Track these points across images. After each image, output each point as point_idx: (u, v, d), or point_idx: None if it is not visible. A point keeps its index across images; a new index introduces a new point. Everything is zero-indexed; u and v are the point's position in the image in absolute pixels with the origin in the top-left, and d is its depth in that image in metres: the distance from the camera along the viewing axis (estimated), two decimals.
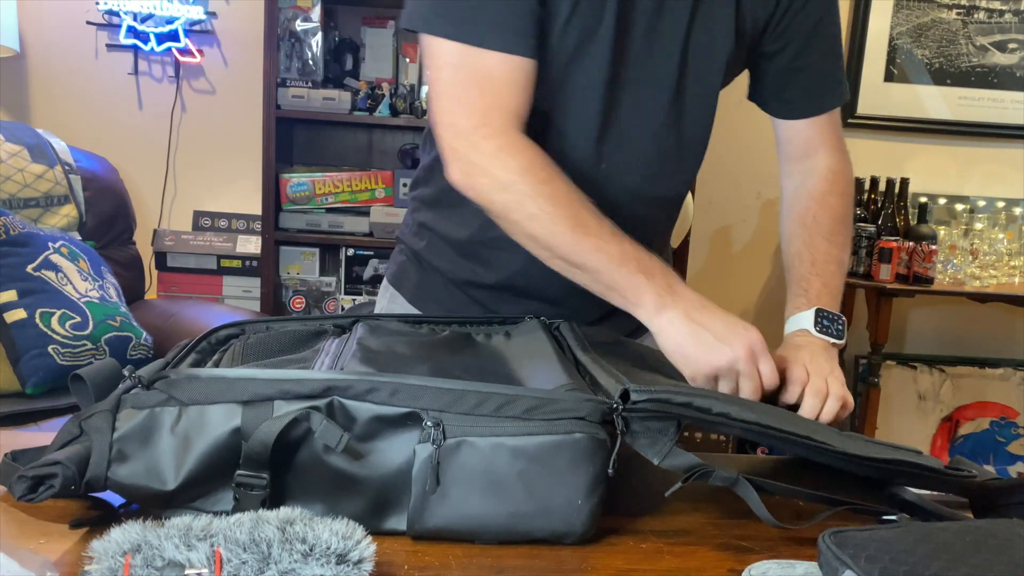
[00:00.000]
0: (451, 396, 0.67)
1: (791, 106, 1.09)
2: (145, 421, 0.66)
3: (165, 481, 0.65)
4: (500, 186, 0.88)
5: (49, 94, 2.83)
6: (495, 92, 0.89)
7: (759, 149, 3.05)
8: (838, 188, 1.08)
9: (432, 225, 1.08)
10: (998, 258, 2.78)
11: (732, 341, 0.82)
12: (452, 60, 0.89)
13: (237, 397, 0.66)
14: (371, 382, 0.67)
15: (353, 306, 2.73)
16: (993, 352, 3.15)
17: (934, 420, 3.07)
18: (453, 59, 0.89)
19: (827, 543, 0.60)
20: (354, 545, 0.55)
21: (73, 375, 0.71)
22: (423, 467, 0.66)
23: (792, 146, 1.10)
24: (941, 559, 0.57)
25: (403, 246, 1.15)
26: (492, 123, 0.89)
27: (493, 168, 0.88)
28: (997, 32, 3.01)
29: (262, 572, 0.53)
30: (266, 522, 0.55)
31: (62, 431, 0.68)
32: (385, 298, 1.15)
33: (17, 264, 2.04)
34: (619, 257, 0.86)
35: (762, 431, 0.72)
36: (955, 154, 3.09)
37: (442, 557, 0.66)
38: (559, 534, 0.69)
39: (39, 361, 1.97)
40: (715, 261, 3.06)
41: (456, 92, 0.90)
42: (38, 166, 2.38)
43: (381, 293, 1.17)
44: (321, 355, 0.78)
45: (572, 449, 0.67)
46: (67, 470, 0.64)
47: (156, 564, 0.52)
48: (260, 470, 0.65)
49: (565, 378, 0.75)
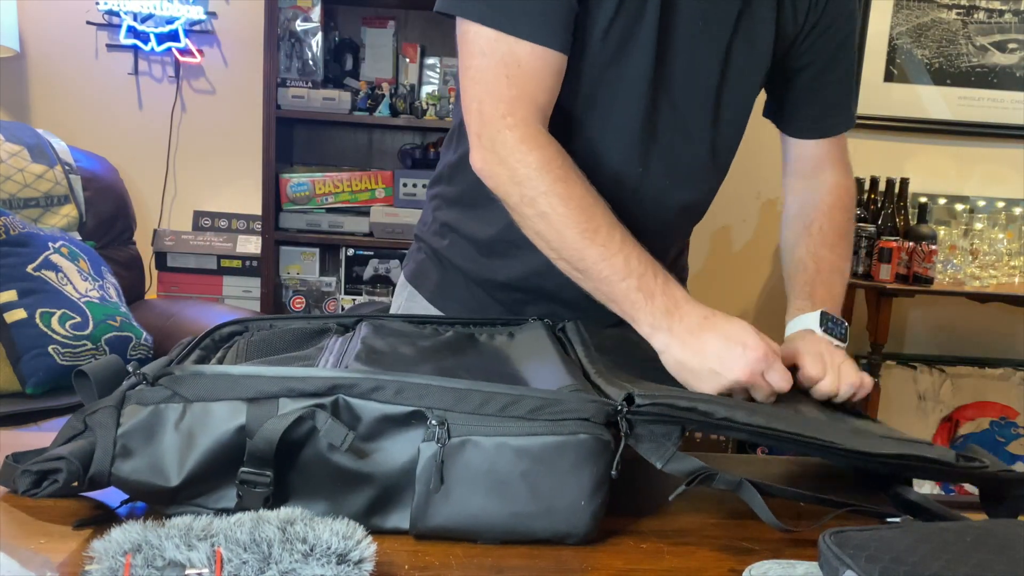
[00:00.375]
0: (456, 395, 0.67)
1: (807, 125, 1.10)
2: (149, 417, 0.66)
3: (168, 477, 0.65)
4: (517, 179, 0.88)
5: (49, 94, 2.83)
6: (523, 82, 0.89)
7: (759, 149, 3.04)
8: (843, 203, 1.09)
9: (455, 224, 1.08)
10: (998, 258, 2.78)
11: (731, 366, 0.80)
12: (484, 47, 0.89)
13: (242, 394, 0.66)
14: (376, 380, 0.67)
15: (354, 306, 2.73)
16: (993, 352, 3.15)
17: (934, 420, 3.07)
18: (485, 45, 0.89)
19: (827, 543, 0.60)
20: (355, 545, 0.55)
21: (77, 371, 0.71)
22: (427, 466, 0.66)
23: (801, 163, 1.11)
24: (941, 559, 0.57)
25: (423, 244, 1.14)
26: (517, 113, 0.88)
27: (512, 159, 0.88)
28: (997, 32, 3.01)
29: (263, 572, 0.53)
30: (266, 522, 0.55)
31: (66, 426, 0.69)
32: (403, 296, 1.15)
33: (17, 264, 2.04)
34: (623, 270, 0.85)
35: (768, 434, 0.72)
36: (955, 154, 3.09)
37: (443, 557, 0.66)
38: (562, 535, 0.69)
39: (39, 361, 1.97)
40: (715, 261, 3.06)
41: (486, 79, 0.90)
42: (38, 166, 2.38)
43: (398, 291, 1.17)
44: (325, 353, 0.78)
45: (576, 450, 0.67)
46: (71, 465, 0.64)
47: (157, 564, 0.52)
48: (264, 468, 0.65)
49: (569, 379, 0.75)
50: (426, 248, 1.13)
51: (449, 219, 1.09)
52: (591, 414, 0.68)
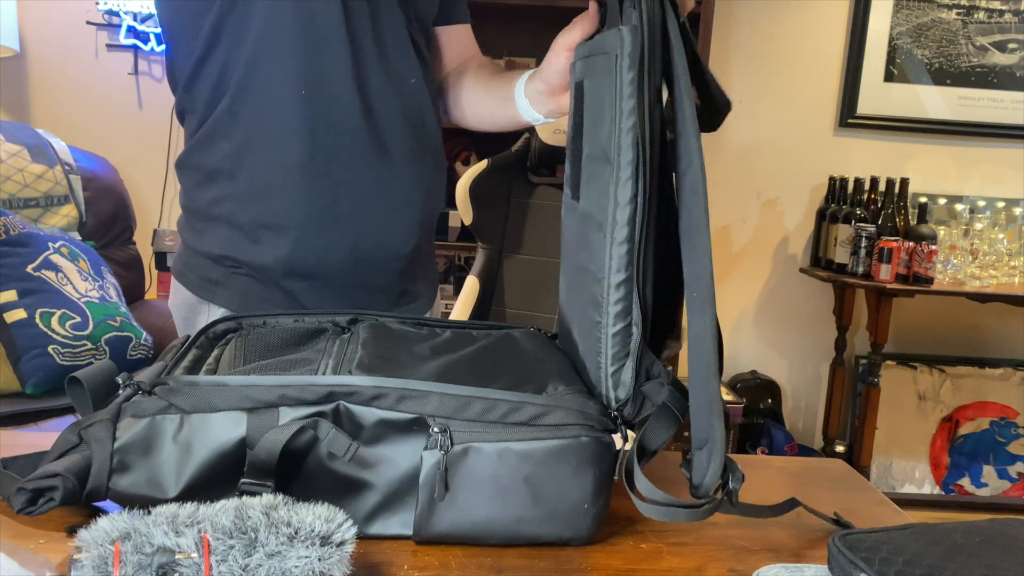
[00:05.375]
0: (458, 402, 0.67)
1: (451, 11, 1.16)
2: (146, 430, 0.65)
3: (166, 490, 0.65)
4: None
5: (49, 94, 2.83)
6: None
7: (759, 150, 3.05)
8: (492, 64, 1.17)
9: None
10: (998, 258, 2.78)
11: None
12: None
13: (241, 404, 0.65)
14: (377, 388, 0.66)
15: None
16: (993, 352, 3.15)
17: (934, 420, 3.07)
18: None
19: (838, 546, 0.60)
20: (336, 527, 0.56)
21: (70, 378, 0.70)
22: (430, 474, 0.66)
23: (452, 51, 1.18)
24: (956, 560, 0.57)
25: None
26: None
27: None
28: (997, 32, 3.01)
29: (249, 555, 0.54)
30: (251, 508, 0.56)
31: (60, 439, 0.67)
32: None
33: (17, 264, 2.04)
34: None
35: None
36: (955, 154, 3.09)
37: (442, 557, 0.66)
38: (565, 539, 0.69)
39: (39, 361, 1.97)
40: (715, 261, 3.05)
41: None
42: (38, 166, 2.38)
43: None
44: (324, 356, 0.78)
45: (579, 453, 0.67)
46: (67, 482, 0.63)
47: (146, 551, 0.52)
48: (265, 478, 0.64)
49: (568, 380, 0.75)
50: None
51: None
52: (592, 417, 0.68)
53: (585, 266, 0.76)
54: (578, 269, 0.79)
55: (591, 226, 0.74)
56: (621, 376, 0.72)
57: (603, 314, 0.72)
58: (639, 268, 0.71)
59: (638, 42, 0.69)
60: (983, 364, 3.10)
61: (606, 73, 0.72)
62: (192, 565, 0.52)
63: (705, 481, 0.66)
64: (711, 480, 0.66)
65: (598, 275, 0.72)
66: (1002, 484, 3.06)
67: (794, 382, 3.18)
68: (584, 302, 0.76)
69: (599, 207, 0.72)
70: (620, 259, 0.70)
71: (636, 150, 0.69)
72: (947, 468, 3.06)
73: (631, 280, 0.71)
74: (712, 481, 0.66)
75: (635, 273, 0.71)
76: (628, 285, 0.71)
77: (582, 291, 0.77)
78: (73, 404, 0.71)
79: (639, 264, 0.71)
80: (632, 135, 0.69)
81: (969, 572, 0.56)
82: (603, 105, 0.73)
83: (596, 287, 0.73)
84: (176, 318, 1.10)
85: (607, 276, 0.71)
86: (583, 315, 0.77)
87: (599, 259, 0.72)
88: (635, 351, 0.71)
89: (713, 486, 0.66)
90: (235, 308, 1.02)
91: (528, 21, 2.82)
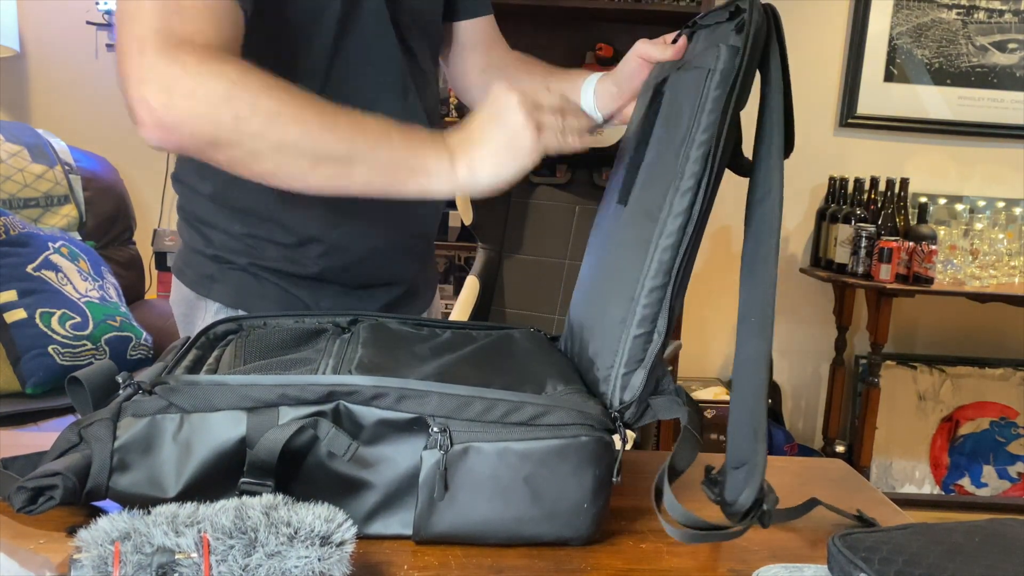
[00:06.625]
0: (458, 402, 0.67)
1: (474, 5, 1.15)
2: (146, 429, 0.65)
3: (166, 489, 0.65)
4: (219, 96, 0.74)
5: (49, 94, 2.83)
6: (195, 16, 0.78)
7: None
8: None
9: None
10: (998, 258, 2.78)
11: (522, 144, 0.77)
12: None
13: (241, 404, 0.66)
14: (377, 388, 0.66)
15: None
16: (993, 352, 3.15)
17: (934, 420, 3.07)
18: None
19: (838, 546, 0.60)
20: (336, 527, 0.57)
21: (70, 378, 0.70)
22: (430, 473, 0.66)
23: (479, 41, 1.16)
24: (956, 560, 0.57)
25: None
26: (195, 41, 0.78)
27: (202, 80, 0.75)
28: (997, 32, 3.01)
29: (249, 555, 0.54)
30: (251, 508, 0.56)
31: (60, 439, 0.67)
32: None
33: (17, 264, 2.04)
34: (387, 128, 0.78)
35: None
36: (955, 154, 3.09)
37: (442, 557, 0.66)
38: (565, 538, 0.69)
39: (39, 361, 1.97)
40: (715, 261, 3.06)
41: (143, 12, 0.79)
42: (38, 166, 2.38)
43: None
44: (324, 356, 0.78)
45: (579, 452, 0.67)
46: (67, 481, 0.63)
47: (146, 551, 0.52)
48: (265, 478, 0.64)
49: (568, 380, 0.75)
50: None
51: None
52: (592, 417, 0.68)
53: (622, 265, 0.77)
54: (612, 267, 0.80)
55: (638, 228, 0.75)
56: (632, 380, 0.72)
57: (630, 314, 0.73)
58: (676, 280, 0.72)
59: (734, 64, 0.71)
60: (983, 364, 3.10)
61: (693, 85, 0.74)
62: (192, 565, 0.52)
63: (740, 500, 0.67)
64: (746, 500, 0.67)
65: (635, 275, 0.73)
66: (1002, 484, 3.06)
67: (794, 382, 3.18)
68: (611, 300, 0.76)
69: (651, 210, 0.74)
70: (661, 264, 0.72)
71: (704, 164, 0.71)
72: (947, 468, 3.06)
73: (665, 288, 0.72)
74: (747, 502, 0.67)
75: (671, 283, 0.72)
76: (661, 292, 0.72)
77: (612, 288, 0.77)
78: (73, 404, 0.71)
79: (677, 276, 0.72)
80: (704, 149, 0.71)
81: (969, 572, 0.56)
82: (681, 115, 0.74)
83: (630, 287, 0.73)
84: (176, 315, 1.11)
85: (643, 278, 0.72)
86: (606, 313, 0.77)
87: (640, 260, 0.73)
88: (651, 358, 0.72)
89: (747, 506, 0.67)
90: (230, 304, 1.02)
91: (528, 21, 2.82)
